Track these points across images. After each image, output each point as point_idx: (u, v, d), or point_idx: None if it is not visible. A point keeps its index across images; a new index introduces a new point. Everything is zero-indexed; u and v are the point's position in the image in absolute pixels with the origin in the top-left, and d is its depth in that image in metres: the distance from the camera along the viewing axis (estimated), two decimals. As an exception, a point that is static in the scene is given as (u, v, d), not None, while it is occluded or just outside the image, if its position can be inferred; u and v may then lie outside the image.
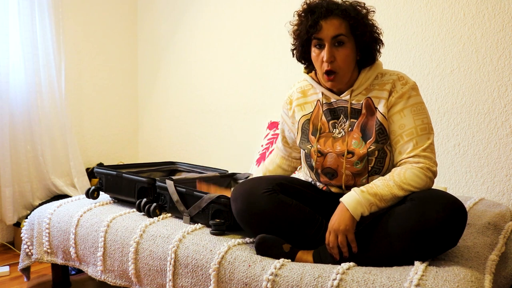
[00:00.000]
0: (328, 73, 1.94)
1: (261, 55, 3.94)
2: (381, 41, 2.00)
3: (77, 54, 4.19)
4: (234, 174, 2.82)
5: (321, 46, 1.93)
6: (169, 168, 3.02)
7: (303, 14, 1.98)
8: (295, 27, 2.03)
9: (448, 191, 2.96)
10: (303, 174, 2.27)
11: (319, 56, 1.94)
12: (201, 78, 4.33)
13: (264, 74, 3.92)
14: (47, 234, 2.55)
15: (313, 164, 2.06)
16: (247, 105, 4.03)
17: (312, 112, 2.11)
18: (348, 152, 1.97)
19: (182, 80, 4.47)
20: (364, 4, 1.98)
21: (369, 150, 1.93)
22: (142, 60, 4.76)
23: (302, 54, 2.05)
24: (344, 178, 2.00)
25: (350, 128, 1.99)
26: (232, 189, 2.38)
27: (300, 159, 2.36)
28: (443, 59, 3.10)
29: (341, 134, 2.01)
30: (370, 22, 1.96)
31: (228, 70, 4.15)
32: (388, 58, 3.26)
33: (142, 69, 4.77)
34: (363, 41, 1.93)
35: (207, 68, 4.29)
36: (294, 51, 2.09)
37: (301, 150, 2.16)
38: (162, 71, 4.62)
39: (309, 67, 2.10)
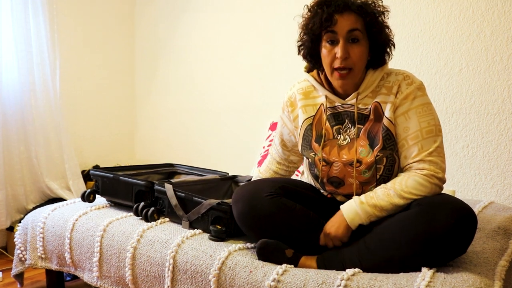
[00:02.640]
0: (340, 69, 1.90)
1: (261, 54, 3.95)
2: (393, 43, 1.98)
3: (72, 52, 4.20)
4: (235, 176, 2.82)
5: (333, 42, 1.90)
6: (168, 170, 3.02)
7: (317, 7, 1.93)
8: (306, 21, 1.98)
9: (456, 195, 2.98)
10: (306, 179, 2.27)
11: (331, 52, 1.90)
12: (200, 78, 4.34)
13: (265, 73, 3.93)
14: (41, 239, 2.55)
15: (318, 173, 2.05)
16: (248, 105, 4.04)
17: (314, 116, 2.08)
18: (356, 161, 1.96)
19: (181, 79, 4.48)
20: (382, 1, 1.96)
21: (377, 158, 1.92)
22: (140, 59, 4.77)
23: (311, 50, 2.00)
24: (352, 188, 1.99)
25: (356, 135, 1.98)
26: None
27: (297, 163, 2.36)
28: (451, 57, 3.10)
29: (346, 141, 1.99)
30: (385, 22, 1.96)
31: (228, 69, 4.15)
32: (395, 57, 3.23)
33: (139, 67, 4.78)
34: (378, 39, 1.92)
35: (207, 67, 4.29)
36: (301, 47, 2.05)
37: (304, 158, 2.15)
38: (161, 70, 4.63)
39: (315, 66, 2.07)
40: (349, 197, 2.02)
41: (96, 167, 4.06)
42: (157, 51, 4.64)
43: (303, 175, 3.05)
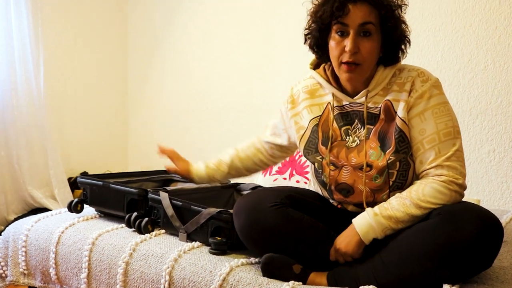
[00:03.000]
0: (348, 63, 1.89)
1: (266, 50, 3.96)
2: (409, 40, 1.97)
3: (58, 46, 4.21)
4: (237, 184, 2.82)
5: (343, 34, 1.89)
6: (163, 178, 3.02)
7: None
8: (316, 8, 1.97)
9: (481, 204, 2.97)
10: (313, 188, 2.27)
11: (339, 44, 1.90)
12: (199, 75, 4.35)
13: (266, 73, 3.94)
14: (23, 253, 2.56)
15: (326, 179, 2.04)
16: (251, 105, 4.05)
17: (320, 116, 2.08)
18: (366, 165, 1.95)
19: (178, 78, 4.49)
20: None
21: (389, 161, 1.91)
22: (133, 55, 4.78)
23: (318, 40, 1.99)
24: (362, 196, 1.98)
25: (366, 136, 1.97)
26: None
27: (277, 158, 2.40)
28: (476, 53, 3.11)
29: (355, 143, 1.99)
30: (402, 17, 1.94)
31: (230, 66, 4.16)
32: (413, 52, 3.25)
33: (132, 65, 4.79)
34: (392, 35, 1.91)
35: (206, 63, 4.30)
36: (308, 36, 2.04)
37: (310, 163, 2.15)
38: (155, 68, 4.64)
39: (321, 58, 2.06)
40: (360, 206, 2.02)
41: (84, 174, 4.07)
42: (152, 47, 4.65)
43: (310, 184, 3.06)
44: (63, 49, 4.25)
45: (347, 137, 2.01)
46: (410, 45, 1.98)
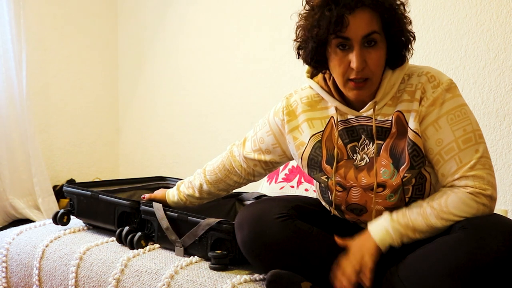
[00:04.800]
0: (356, 80, 1.85)
1: (268, 48, 3.96)
2: (414, 37, 1.93)
3: (41, 41, 4.21)
4: (239, 193, 2.82)
5: (345, 47, 1.84)
6: (158, 185, 3.02)
7: (322, 5, 1.84)
8: (308, 21, 1.90)
9: (509, 216, 2.97)
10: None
11: (343, 60, 1.85)
12: (196, 74, 4.35)
13: (275, 71, 3.94)
14: (4, 269, 2.56)
15: (333, 200, 2.03)
16: (254, 107, 4.05)
17: (323, 132, 2.04)
18: (378, 185, 1.93)
19: (173, 76, 4.49)
20: None
21: (404, 179, 1.89)
22: (124, 51, 4.78)
23: (315, 55, 1.93)
24: (374, 215, 1.96)
25: (376, 153, 1.94)
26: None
27: (257, 176, 2.35)
28: (503, 48, 3.10)
29: (364, 161, 1.96)
30: (405, 14, 1.89)
31: (230, 65, 4.17)
32: (434, 49, 3.26)
33: (123, 61, 4.79)
34: (399, 38, 1.88)
35: (204, 62, 4.30)
36: (301, 51, 1.98)
37: (315, 182, 2.14)
38: (148, 65, 4.64)
39: (319, 70, 2.03)
40: None
41: (71, 182, 4.07)
42: (144, 44, 4.65)
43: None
44: (48, 44, 4.25)
45: (355, 155, 1.99)
46: (415, 41, 1.93)
